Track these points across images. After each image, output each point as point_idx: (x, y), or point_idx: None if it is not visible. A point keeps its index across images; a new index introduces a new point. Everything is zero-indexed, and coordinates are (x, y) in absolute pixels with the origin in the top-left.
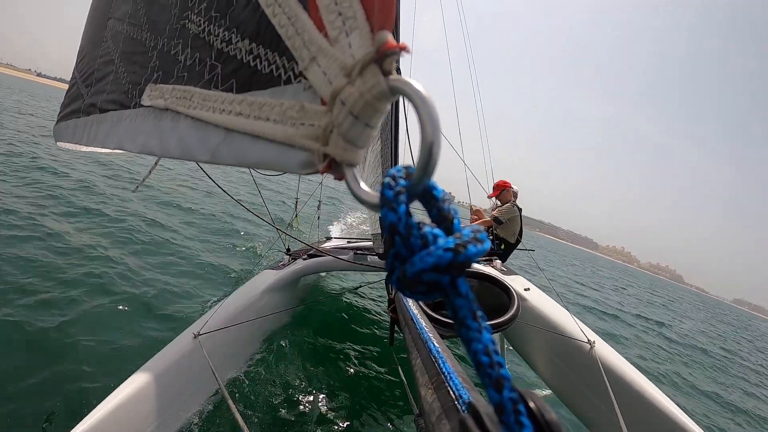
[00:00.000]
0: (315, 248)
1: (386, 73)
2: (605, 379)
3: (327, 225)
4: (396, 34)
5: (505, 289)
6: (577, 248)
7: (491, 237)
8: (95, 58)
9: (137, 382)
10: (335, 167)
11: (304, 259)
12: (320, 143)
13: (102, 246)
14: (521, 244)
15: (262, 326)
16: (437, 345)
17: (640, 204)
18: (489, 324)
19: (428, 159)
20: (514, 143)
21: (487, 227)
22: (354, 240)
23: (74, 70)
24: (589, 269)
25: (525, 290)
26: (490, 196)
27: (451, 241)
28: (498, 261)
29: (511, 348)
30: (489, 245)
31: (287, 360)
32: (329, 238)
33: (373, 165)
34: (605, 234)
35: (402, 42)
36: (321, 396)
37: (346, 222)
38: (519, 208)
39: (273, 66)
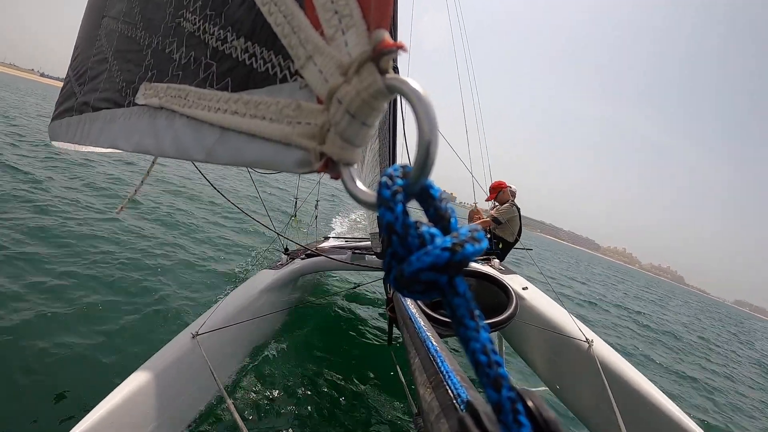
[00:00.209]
0: (313, 248)
1: (383, 72)
2: (603, 378)
3: (327, 223)
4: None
5: (504, 288)
6: (579, 249)
7: (489, 236)
8: (89, 57)
9: (135, 383)
10: (332, 166)
11: (302, 259)
12: (317, 142)
13: (99, 246)
14: (519, 243)
15: (260, 326)
16: (435, 344)
17: (639, 204)
18: (487, 323)
19: (425, 158)
20: (513, 141)
21: (486, 227)
22: (352, 239)
23: (68, 69)
24: (583, 267)
25: (523, 289)
26: (488, 200)
27: (449, 241)
28: (496, 260)
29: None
30: (486, 244)
31: (285, 360)
32: (327, 238)
33: (372, 164)
34: (605, 234)
35: (399, 41)
36: (319, 395)
37: (350, 218)
38: (518, 208)
39: (269, 64)
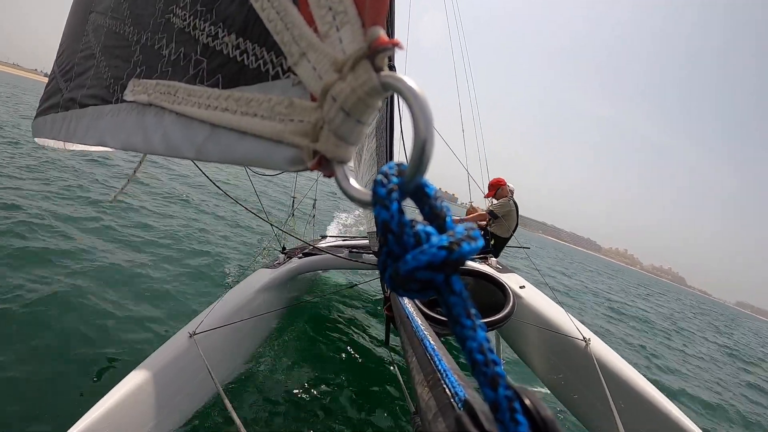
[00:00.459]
0: (311, 247)
1: (378, 69)
2: (601, 376)
3: (327, 221)
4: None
5: (501, 287)
6: (580, 250)
7: (482, 232)
8: (75, 53)
9: (133, 383)
10: (325, 164)
11: (300, 258)
12: (310, 139)
13: (97, 245)
14: (516, 241)
15: (258, 325)
16: (433, 343)
17: (639, 204)
18: (484, 322)
19: (421, 156)
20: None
21: (482, 221)
22: (350, 238)
23: (54, 64)
24: (577, 262)
25: (520, 288)
26: (486, 196)
27: (445, 239)
28: (493, 258)
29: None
30: (483, 243)
31: (283, 359)
32: (325, 237)
33: (369, 163)
34: (605, 234)
35: (395, 38)
36: (317, 395)
37: (354, 215)
38: (515, 204)
39: (261, 61)
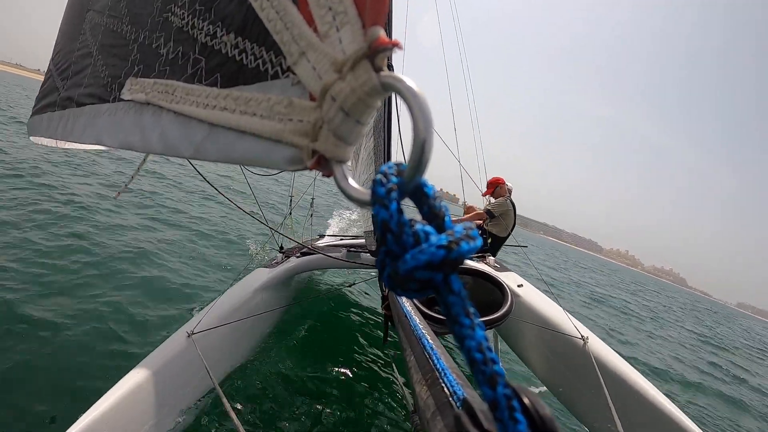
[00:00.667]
0: (308, 246)
1: (378, 70)
2: (599, 375)
3: (326, 220)
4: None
5: (499, 286)
6: (581, 251)
7: (479, 231)
8: (72, 51)
9: (131, 382)
10: (324, 164)
11: (298, 257)
12: (309, 139)
13: (95, 245)
14: (513, 240)
15: (256, 325)
16: (431, 341)
17: (639, 204)
18: (482, 321)
19: (420, 156)
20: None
21: (480, 218)
22: (348, 237)
23: (50, 63)
24: (572, 261)
25: (518, 287)
26: (485, 194)
27: (444, 239)
28: (491, 257)
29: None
30: (481, 242)
31: (280, 358)
32: (322, 236)
33: (366, 162)
34: (605, 234)
35: (395, 38)
36: (314, 394)
37: (354, 213)
38: (513, 203)
39: (260, 60)
